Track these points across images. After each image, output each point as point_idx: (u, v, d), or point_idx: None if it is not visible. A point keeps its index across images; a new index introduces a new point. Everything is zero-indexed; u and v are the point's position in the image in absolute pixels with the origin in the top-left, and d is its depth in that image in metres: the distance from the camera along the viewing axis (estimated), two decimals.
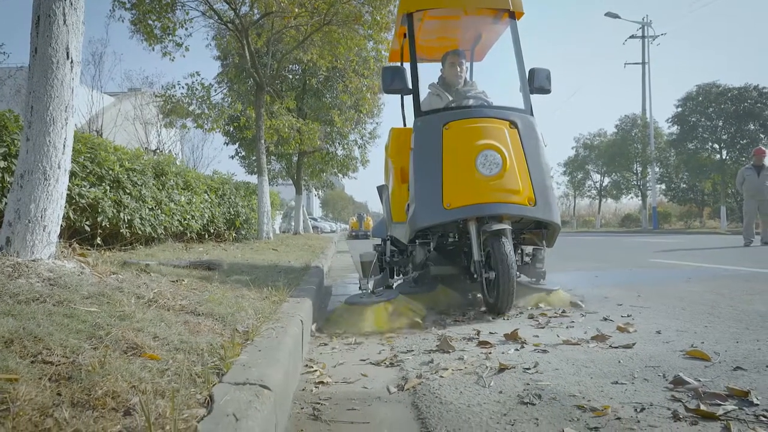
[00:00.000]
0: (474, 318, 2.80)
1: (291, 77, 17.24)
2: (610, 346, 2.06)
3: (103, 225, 4.56)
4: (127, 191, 4.99)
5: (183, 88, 10.66)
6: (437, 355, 2.03)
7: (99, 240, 4.58)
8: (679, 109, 24.58)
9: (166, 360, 1.34)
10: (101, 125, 13.38)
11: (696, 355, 1.85)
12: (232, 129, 16.35)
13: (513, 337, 2.22)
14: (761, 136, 22.36)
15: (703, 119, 23.80)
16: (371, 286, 2.97)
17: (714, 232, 17.89)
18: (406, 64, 4.01)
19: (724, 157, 23.38)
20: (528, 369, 1.78)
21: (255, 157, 12.50)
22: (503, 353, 2.02)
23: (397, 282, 3.48)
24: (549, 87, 3.33)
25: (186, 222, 6.51)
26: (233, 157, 19.86)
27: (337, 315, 2.75)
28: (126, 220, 4.92)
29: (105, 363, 1.22)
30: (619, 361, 1.84)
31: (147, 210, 5.35)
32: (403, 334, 2.50)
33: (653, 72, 56.01)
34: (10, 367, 1.11)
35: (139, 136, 15.48)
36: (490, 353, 2.02)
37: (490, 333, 2.37)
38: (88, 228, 4.39)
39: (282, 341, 1.69)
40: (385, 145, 4.08)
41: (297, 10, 9.22)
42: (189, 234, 6.78)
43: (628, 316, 2.68)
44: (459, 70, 3.69)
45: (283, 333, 1.80)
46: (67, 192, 2.80)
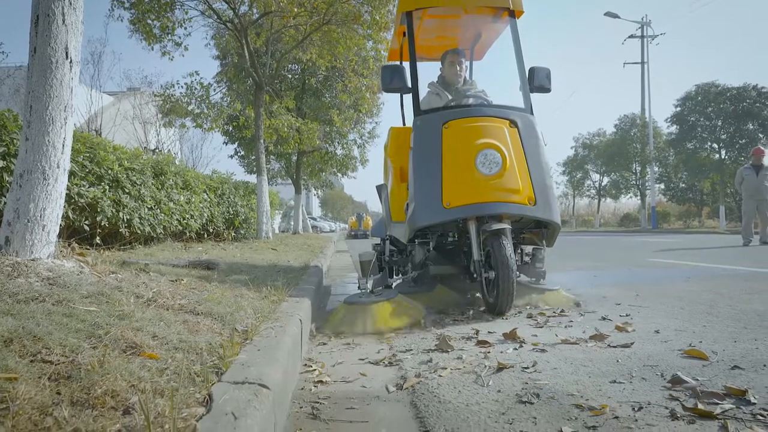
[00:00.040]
0: (473, 317, 2.80)
1: (290, 77, 17.25)
2: (608, 345, 2.07)
3: (102, 224, 4.56)
4: (126, 191, 4.99)
5: (182, 87, 10.69)
6: (436, 355, 2.04)
7: (98, 239, 4.58)
8: (678, 109, 24.59)
9: (165, 359, 1.34)
10: (100, 125, 13.36)
11: (694, 355, 1.86)
12: (231, 128, 16.35)
13: (512, 337, 2.22)
14: (760, 135, 22.38)
15: (702, 119, 23.81)
16: (370, 285, 2.96)
17: (713, 231, 17.92)
18: (405, 63, 4.00)
19: (723, 157, 23.40)
20: (526, 368, 1.79)
21: (254, 157, 12.51)
22: (502, 352, 2.02)
23: (397, 282, 3.48)
24: (549, 86, 3.32)
25: (185, 221, 6.51)
26: (232, 157, 19.89)
27: (337, 314, 2.75)
28: (125, 219, 4.92)
29: (104, 362, 1.22)
30: (618, 361, 1.84)
31: (146, 209, 5.35)
32: (402, 333, 2.50)
33: (652, 72, 56.14)
34: (9, 367, 1.11)
35: (138, 135, 15.46)
36: (488, 352, 2.03)
37: (488, 332, 2.38)
38: (87, 227, 4.39)
39: (281, 340, 1.69)
40: (385, 145, 4.07)
41: (296, 9, 9.22)
42: (188, 233, 6.78)
43: (626, 315, 2.69)
44: (458, 69, 3.68)
45: (282, 332, 1.80)
46: (66, 191, 2.79)
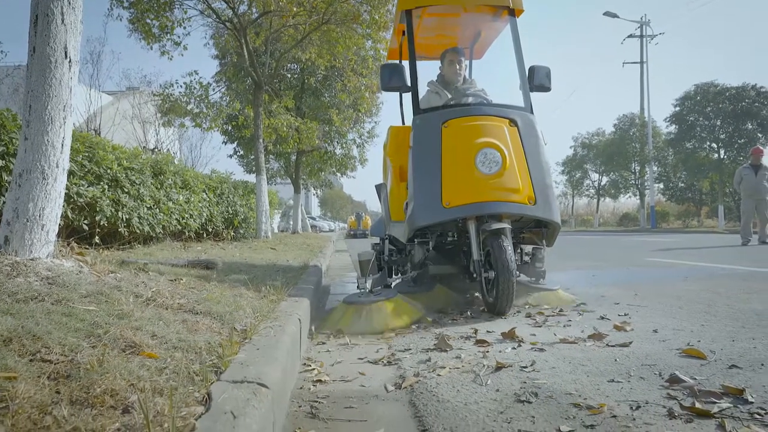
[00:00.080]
0: (472, 317, 2.80)
1: (289, 76, 17.24)
2: (606, 344, 2.07)
3: (102, 224, 4.56)
4: (126, 190, 4.99)
5: (181, 86, 10.69)
6: (435, 354, 2.04)
7: (97, 239, 4.58)
8: (677, 109, 24.59)
9: (164, 358, 1.34)
10: (99, 124, 13.37)
11: (692, 354, 1.86)
12: (230, 128, 16.35)
13: (510, 336, 2.23)
14: (759, 135, 22.38)
15: (701, 118, 23.81)
16: (369, 285, 2.96)
17: (712, 231, 17.93)
18: (404, 62, 3.99)
19: (721, 157, 23.41)
20: (525, 367, 1.79)
21: (253, 156, 12.50)
22: (500, 352, 2.03)
23: (396, 281, 3.48)
24: (549, 85, 3.31)
25: (184, 221, 6.51)
26: (231, 156, 19.88)
27: (336, 314, 2.75)
28: (124, 219, 4.91)
29: (103, 361, 1.22)
30: (616, 360, 1.85)
31: (145, 209, 5.35)
32: (401, 333, 2.50)
33: (651, 71, 56.21)
34: (9, 366, 1.11)
35: (138, 135, 15.47)
36: (487, 352, 2.03)
37: (487, 332, 2.38)
38: (86, 227, 4.39)
39: (280, 340, 1.69)
40: (384, 144, 4.07)
41: (295, 9, 9.22)
42: (187, 233, 6.78)
43: (625, 314, 2.69)
44: (458, 67, 3.67)
45: (281, 332, 1.80)
46: (66, 191, 2.80)
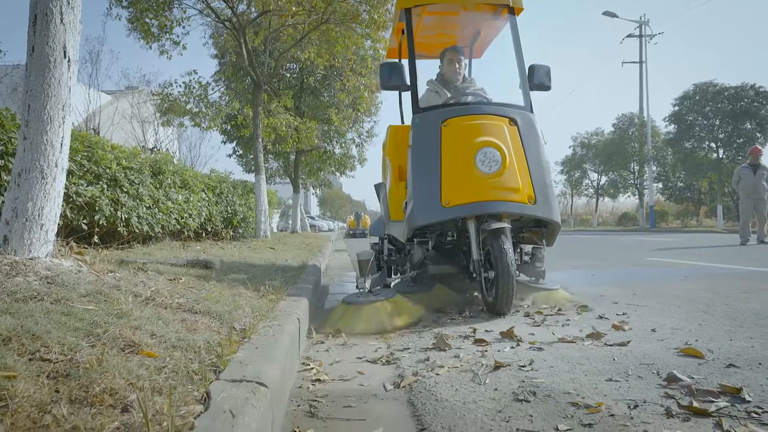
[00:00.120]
0: (471, 316, 2.80)
1: (288, 76, 17.23)
2: (605, 343, 2.08)
3: (101, 223, 4.56)
4: (125, 190, 4.99)
5: (180, 86, 10.67)
6: (433, 353, 2.04)
7: (96, 238, 4.58)
8: (676, 108, 24.62)
9: (163, 357, 1.34)
10: (98, 123, 13.35)
11: (690, 353, 1.87)
12: (229, 127, 16.34)
13: (509, 335, 2.23)
14: (758, 135, 22.43)
15: (700, 118, 23.84)
16: (369, 285, 2.96)
17: (710, 230, 17.96)
18: (404, 61, 3.99)
19: (720, 156, 23.45)
20: (523, 367, 1.79)
21: (252, 156, 12.49)
22: (499, 351, 2.03)
23: (395, 281, 3.47)
24: (549, 84, 3.31)
25: (183, 220, 6.51)
26: (231, 156, 19.86)
27: (335, 314, 2.75)
28: (123, 218, 4.91)
29: (103, 360, 1.22)
30: (614, 359, 1.85)
31: (144, 208, 5.35)
32: (400, 332, 2.51)
33: (650, 71, 56.25)
34: (8, 365, 1.12)
35: (137, 134, 15.45)
36: (485, 351, 2.04)
37: (486, 331, 2.38)
38: (85, 226, 4.39)
39: (279, 339, 1.69)
40: (383, 143, 4.06)
41: (294, 8, 9.22)
42: (186, 232, 6.78)
43: (623, 314, 2.70)
44: (458, 66, 3.67)
45: (280, 331, 1.80)
46: (65, 190, 2.80)
